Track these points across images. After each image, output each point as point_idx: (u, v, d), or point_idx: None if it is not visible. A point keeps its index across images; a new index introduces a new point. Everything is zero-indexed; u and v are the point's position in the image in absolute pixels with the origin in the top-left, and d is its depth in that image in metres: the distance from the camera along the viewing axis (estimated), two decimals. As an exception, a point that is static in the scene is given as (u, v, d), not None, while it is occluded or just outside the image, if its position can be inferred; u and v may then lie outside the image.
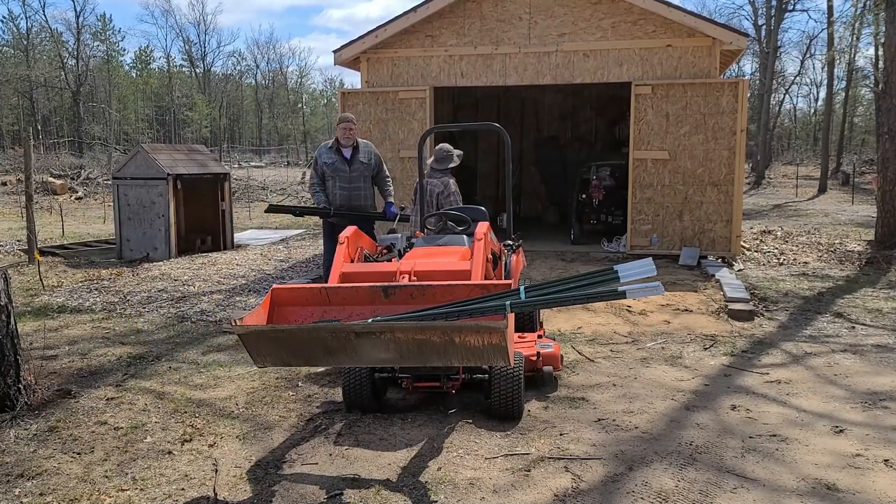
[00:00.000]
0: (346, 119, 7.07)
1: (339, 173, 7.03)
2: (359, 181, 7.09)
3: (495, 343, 3.42)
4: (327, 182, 7.10)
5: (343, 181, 7.04)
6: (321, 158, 7.12)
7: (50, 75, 49.15)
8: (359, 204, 7.12)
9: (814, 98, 56.51)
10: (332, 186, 7.08)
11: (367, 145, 7.24)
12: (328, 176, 7.08)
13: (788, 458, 3.91)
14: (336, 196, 7.08)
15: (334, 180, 7.05)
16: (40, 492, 3.55)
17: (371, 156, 7.18)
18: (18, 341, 4.67)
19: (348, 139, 6.99)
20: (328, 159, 7.06)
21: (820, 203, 25.21)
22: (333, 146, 7.07)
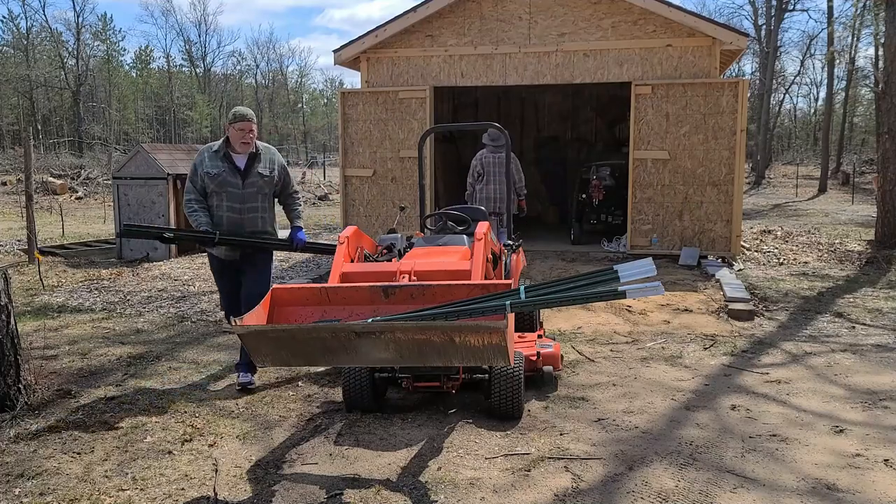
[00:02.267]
0: (244, 117, 5.05)
1: (226, 188, 5.04)
2: (255, 199, 5.13)
3: (495, 343, 3.42)
4: (210, 199, 5.10)
5: (233, 199, 5.06)
6: (202, 167, 5.05)
7: (50, 75, 49.16)
8: (255, 230, 5.16)
9: (814, 98, 56.57)
10: (217, 205, 5.08)
11: (270, 151, 5.31)
12: (212, 191, 5.06)
13: (788, 458, 3.91)
14: (223, 219, 5.07)
15: (220, 197, 5.06)
16: (40, 492, 3.55)
17: (275, 166, 5.24)
18: (18, 341, 4.67)
19: (246, 145, 5.07)
20: (212, 168, 5.02)
21: (820, 203, 25.21)
22: (221, 151, 5.07)
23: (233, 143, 5.08)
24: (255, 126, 5.12)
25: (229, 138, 5.07)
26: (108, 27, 57.15)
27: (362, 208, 11.58)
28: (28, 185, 10.53)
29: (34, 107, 49.60)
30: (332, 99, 69.17)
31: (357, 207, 11.60)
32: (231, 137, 5.07)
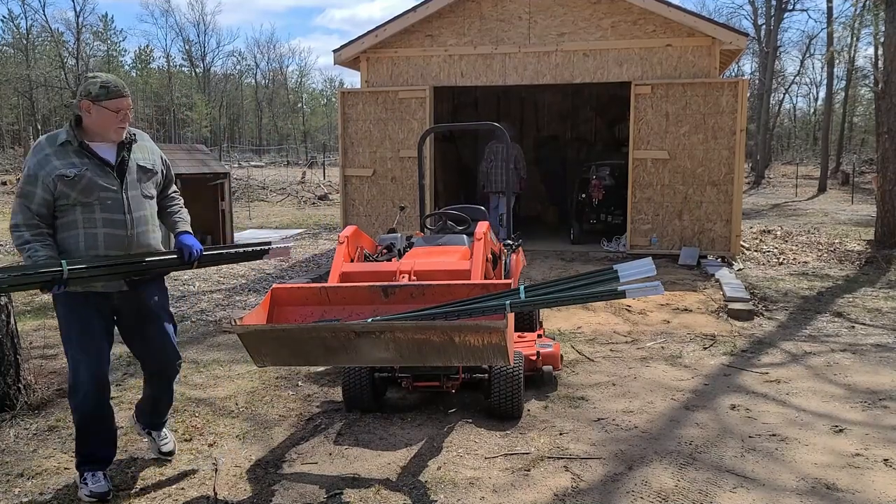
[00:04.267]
0: (119, 91, 3.36)
1: (97, 194, 3.36)
2: (142, 206, 3.54)
3: (495, 343, 3.42)
4: (67, 216, 3.36)
5: (113, 209, 3.40)
6: (46, 169, 3.29)
7: (50, 75, 49.13)
8: (149, 249, 3.58)
9: (813, 98, 56.50)
10: (85, 222, 3.37)
11: (142, 137, 3.67)
12: (71, 203, 3.33)
13: (788, 458, 3.91)
14: (98, 240, 3.39)
15: (89, 209, 3.36)
16: (40, 491, 3.55)
17: (156, 157, 3.69)
18: (18, 340, 4.67)
19: (120, 131, 3.43)
20: (66, 169, 3.30)
21: (819, 202, 25.21)
22: (73, 142, 3.36)
23: (97, 129, 3.36)
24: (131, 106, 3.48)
25: (85, 122, 3.36)
26: (108, 27, 57.17)
27: (362, 208, 11.58)
28: (28, 185, 10.51)
29: (34, 107, 49.56)
30: (332, 99, 69.15)
31: (357, 207, 11.60)
32: (94, 121, 3.34)
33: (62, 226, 3.36)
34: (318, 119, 70.55)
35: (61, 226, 3.36)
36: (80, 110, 3.37)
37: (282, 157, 50.84)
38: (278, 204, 23.90)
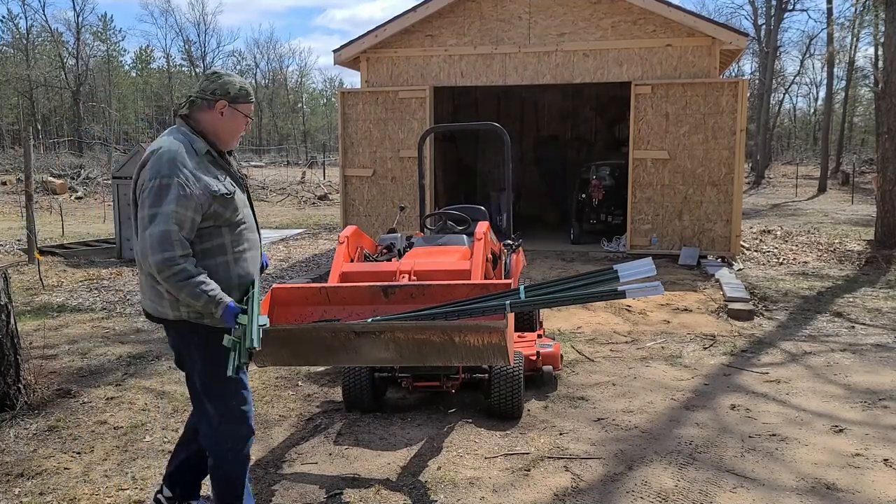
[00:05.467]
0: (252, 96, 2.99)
1: (241, 210, 2.95)
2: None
3: (495, 343, 3.42)
4: (209, 240, 2.83)
5: (251, 227, 3.03)
6: (198, 186, 2.74)
7: (50, 75, 49.13)
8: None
9: (813, 98, 56.49)
10: (231, 246, 2.89)
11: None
12: (219, 226, 2.85)
13: (788, 458, 3.92)
14: (249, 265, 2.99)
15: (237, 230, 2.91)
16: (40, 491, 3.55)
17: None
18: (18, 341, 4.67)
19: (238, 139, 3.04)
20: (218, 185, 2.82)
21: (819, 203, 25.21)
22: (209, 151, 2.88)
23: (223, 134, 2.92)
24: None
25: (210, 126, 2.89)
26: (108, 27, 57.16)
27: (362, 208, 11.58)
28: (28, 185, 10.53)
29: (34, 107, 49.57)
30: (331, 99, 69.14)
31: (357, 207, 11.60)
32: (223, 125, 2.90)
33: (205, 252, 2.80)
34: (318, 119, 70.54)
35: (204, 252, 2.79)
36: (209, 111, 2.86)
37: (282, 157, 50.84)
38: (278, 204, 23.90)
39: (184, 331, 2.87)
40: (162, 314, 2.86)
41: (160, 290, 2.81)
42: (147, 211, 2.68)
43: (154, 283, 2.82)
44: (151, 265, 2.67)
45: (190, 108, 2.89)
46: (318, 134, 65.93)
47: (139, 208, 2.73)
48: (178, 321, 2.84)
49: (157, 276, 2.71)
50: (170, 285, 2.69)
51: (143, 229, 2.70)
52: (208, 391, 2.93)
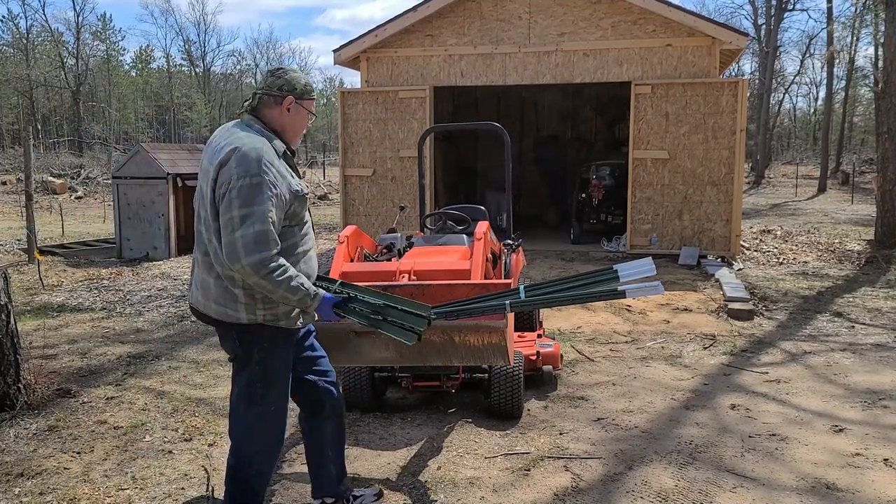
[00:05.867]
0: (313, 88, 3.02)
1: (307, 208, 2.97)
2: None
3: (495, 342, 3.42)
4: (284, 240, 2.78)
5: (310, 226, 3.05)
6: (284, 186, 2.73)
7: (50, 75, 49.12)
8: None
9: (813, 98, 56.50)
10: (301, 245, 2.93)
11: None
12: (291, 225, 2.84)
13: (788, 457, 3.92)
14: (313, 263, 3.07)
15: (304, 228, 2.95)
16: (40, 491, 3.55)
17: None
18: (18, 340, 4.67)
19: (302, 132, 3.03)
20: (297, 184, 2.83)
21: (819, 202, 25.21)
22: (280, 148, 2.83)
23: (289, 131, 2.92)
24: None
25: (276, 122, 2.87)
26: (107, 27, 57.14)
27: (362, 208, 11.58)
28: (28, 185, 10.53)
29: (34, 106, 49.56)
30: (331, 99, 69.12)
31: (357, 207, 11.60)
32: (289, 122, 2.90)
33: (282, 251, 2.73)
34: (318, 119, 70.43)
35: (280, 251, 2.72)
36: (276, 107, 2.85)
37: (282, 157, 50.72)
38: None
39: (253, 334, 2.80)
40: (233, 318, 2.77)
41: (235, 292, 2.74)
42: (237, 212, 2.60)
43: (229, 285, 2.74)
44: (245, 266, 2.59)
45: (257, 105, 2.86)
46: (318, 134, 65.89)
47: (226, 209, 2.63)
48: (250, 325, 2.78)
49: (250, 277, 2.62)
50: (267, 283, 2.63)
51: (231, 230, 2.60)
52: (254, 394, 2.87)
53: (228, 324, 2.80)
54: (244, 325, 2.78)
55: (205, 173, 2.76)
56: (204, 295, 2.83)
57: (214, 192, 2.68)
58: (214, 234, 2.70)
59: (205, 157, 2.83)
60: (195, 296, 2.90)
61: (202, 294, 2.83)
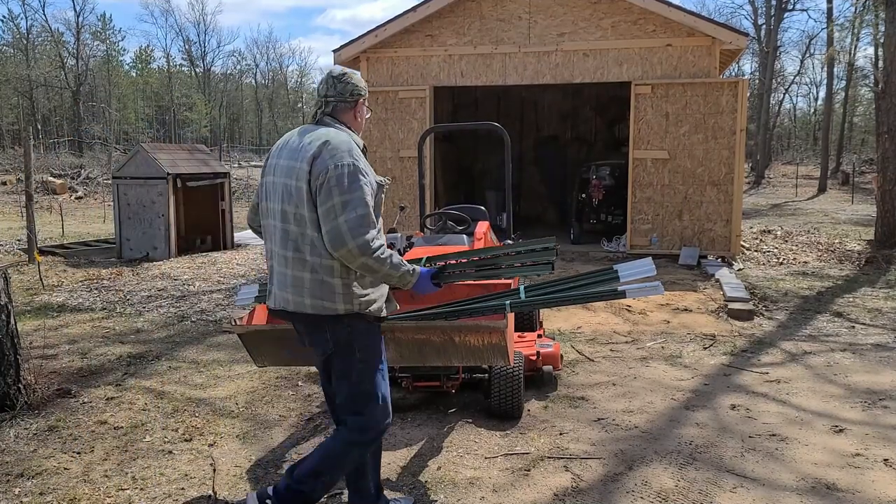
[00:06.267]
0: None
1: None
2: None
3: (495, 343, 3.42)
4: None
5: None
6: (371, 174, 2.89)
7: (50, 75, 49.12)
8: None
9: (813, 98, 56.50)
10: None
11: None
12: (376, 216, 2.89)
13: (788, 458, 3.91)
14: None
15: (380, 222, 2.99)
16: (40, 491, 3.55)
17: None
18: (18, 341, 4.67)
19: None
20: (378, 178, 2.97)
21: (819, 202, 25.22)
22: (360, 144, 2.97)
23: (359, 131, 3.08)
24: None
25: (354, 126, 3.05)
26: (107, 27, 57.15)
27: (362, 208, 11.57)
28: (28, 185, 10.53)
29: (34, 107, 49.57)
30: (331, 99, 68.91)
31: (357, 207, 11.59)
32: (358, 123, 3.08)
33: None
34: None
35: None
36: (350, 111, 3.01)
37: (282, 157, 50.72)
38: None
39: (349, 325, 2.85)
40: (330, 310, 2.81)
41: (333, 283, 2.79)
42: (338, 199, 2.70)
43: (326, 277, 2.79)
44: (352, 248, 2.68)
45: (333, 110, 2.97)
46: (318, 134, 65.77)
47: (325, 198, 2.72)
48: (347, 314, 2.83)
49: (356, 259, 2.71)
50: (373, 262, 2.73)
51: (333, 217, 2.70)
52: (365, 382, 2.92)
53: (324, 317, 2.83)
54: (340, 315, 2.82)
55: (289, 171, 2.83)
56: (297, 292, 2.84)
57: (310, 184, 2.77)
58: (311, 225, 2.77)
59: (282, 157, 2.90)
60: (283, 297, 2.90)
61: (295, 292, 2.85)
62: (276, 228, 2.89)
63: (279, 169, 2.89)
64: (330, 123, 2.95)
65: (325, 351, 2.92)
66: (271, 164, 2.96)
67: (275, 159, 2.95)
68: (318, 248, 2.77)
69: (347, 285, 2.81)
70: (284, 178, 2.85)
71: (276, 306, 2.95)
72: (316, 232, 2.76)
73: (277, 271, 2.91)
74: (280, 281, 2.90)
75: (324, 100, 2.96)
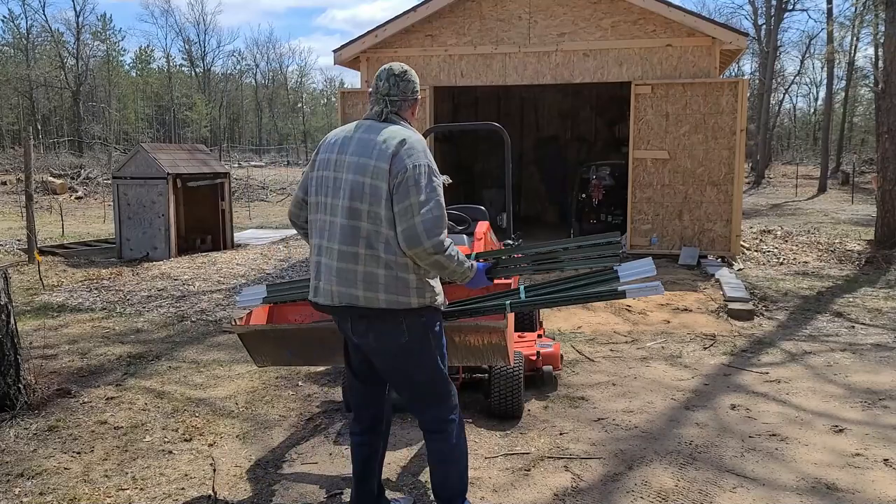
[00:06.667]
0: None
1: None
2: None
3: (495, 342, 3.42)
4: None
5: None
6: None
7: (50, 75, 49.12)
8: None
9: (813, 98, 56.53)
10: None
11: None
12: None
13: (788, 458, 3.91)
14: None
15: None
16: (40, 491, 3.55)
17: None
18: (18, 341, 4.67)
19: None
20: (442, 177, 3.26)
21: (819, 202, 25.22)
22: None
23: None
24: None
25: (412, 121, 3.14)
26: (107, 27, 57.15)
27: (362, 208, 11.57)
28: (28, 185, 10.53)
29: (34, 107, 49.57)
30: (332, 99, 69.11)
31: (357, 207, 11.59)
32: (415, 119, 3.19)
33: None
34: (319, 119, 70.49)
35: None
36: (410, 109, 3.13)
37: (282, 157, 50.84)
38: (278, 204, 23.91)
39: (423, 318, 2.90)
40: (404, 304, 2.85)
41: (408, 278, 2.84)
42: (415, 199, 2.77)
43: (400, 272, 2.83)
44: (428, 247, 2.78)
45: (398, 109, 3.04)
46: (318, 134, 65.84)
47: (403, 196, 2.77)
48: (420, 308, 2.88)
49: (429, 257, 2.80)
50: (444, 260, 2.85)
51: (410, 216, 2.76)
52: (440, 376, 3.01)
53: (399, 311, 2.85)
54: (415, 309, 2.87)
55: (361, 168, 2.83)
56: (369, 288, 2.84)
57: (389, 183, 2.79)
58: (386, 223, 2.80)
59: (346, 153, 2.89)
60: (345, 293, 2.87)
61: (367, 288, 2.84)
62: (333, 224, 2.87)
63: (343, 164, 2.86)
64: (396, 121, 2.98)
65: (395, 346, 2.90)
66: (326, 158, 2.93)
67: (333, 154, 2.92)
68: (392, 246, 2.81)
69: (421, 280, 2.87)
70: (354, 175, 2.83)
71: (333, 302, 2.90)
72: (391, 230, 2.80)
73: (337, 267, 2.86)
74: (342, 277, 2.86)
75: (387, 98, 3.01)
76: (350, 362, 3.15)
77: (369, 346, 2.95)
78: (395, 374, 3.01)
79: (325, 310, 2.98)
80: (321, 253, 2.92)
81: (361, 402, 3.15)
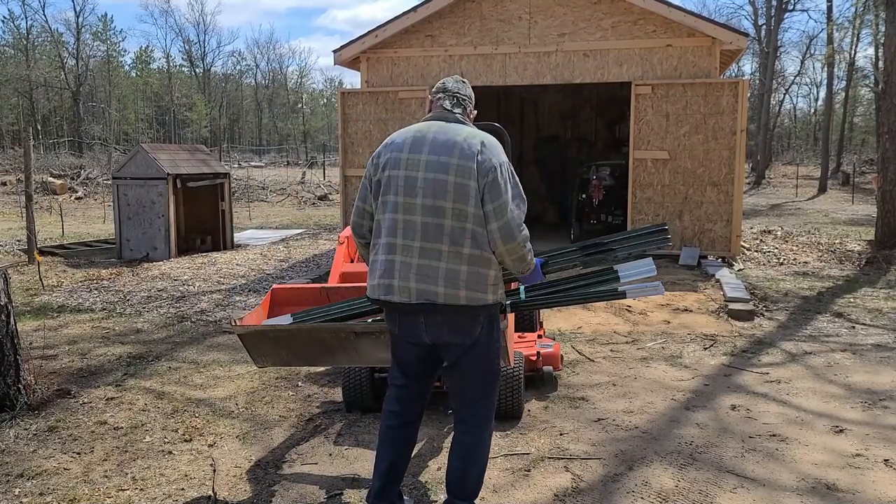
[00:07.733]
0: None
1: None
2: None
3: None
4: None
5: None
6: None
7: (50, 75, 49.14)
8: None
9: (814, 98, 56.56)
10: None
11: None
12: None
13: (788, 458, 3.91)
14: None
15: None
16: (40, 491, 3.55)
17: None
18: (18, 341, 4.67)
19: None
20: None
21: (820, 203, 25.22)
22: None
23: None
24: None
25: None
26: (108, 27, 57.17)
27: (362, 208, 11.56)
28: (28, 185, 10.53)
29: (34, 107, 49.59)
30: (331, 99, 69.10)
31: (357, 207, 11.58)
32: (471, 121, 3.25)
33: None
34: (318, 119, 70.53)
35: None
36: (472, 113, 3.20)
37: (282, 158, 50.83)
38: (278, 204, 23.91)
39: (493, 313, 3.00)
40: (482, 300, 2.91)
41: (488, 274, 2.91)
42: (506, 196, 2.88)
43: (482, 268, 2.89)
44: (520, 242, 2.93)
45: (466, 111, 3.13)
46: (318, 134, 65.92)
47: (493, 195, 2.85)
48: (493, 304, 2.96)
49: (518, 251, 2.93)
50: (527, 253, 3.00)
51: (503, 214, 2.87)
52: (497, 371, 3.12)
53: (476, 307, 2.92)
54: (489, 305, 2.95)
55: (443, 167, 2.87)
56: (451, 285, 2.87)
57: (478, 181, 2.85)
58: (474, 220, 2.86)
59: (423, 153, 2.91)
60: (425, 290, 2.88)
61: (448, 285, 2.87)
62: (411, 223, 2.88)
63: (418, 163, 2.89)
64: (466, 122, 3.07)
65: (470, 340, 2.96)
66: (396, 157, 2.93)
67: (403, 154, 2.93)
68: (478, 242, 2.86)
69: (497, 276, 2.96)
70: (435, 174, 2.86)
71: (411, 299, 2.90)
72: (479, 227, 2.86)
73: (417, 264, 2.88)
74: (421, 274, 2.87)
75: (458, 95, 3.09)
76: (401, 360, 3.15)
77: (443, 340, 2.97)
78: (460, 368, 3.05)
79: (397, 308, 2.96)
80: (393, 251, 2.92)
81: (409, 397, 3.16)
